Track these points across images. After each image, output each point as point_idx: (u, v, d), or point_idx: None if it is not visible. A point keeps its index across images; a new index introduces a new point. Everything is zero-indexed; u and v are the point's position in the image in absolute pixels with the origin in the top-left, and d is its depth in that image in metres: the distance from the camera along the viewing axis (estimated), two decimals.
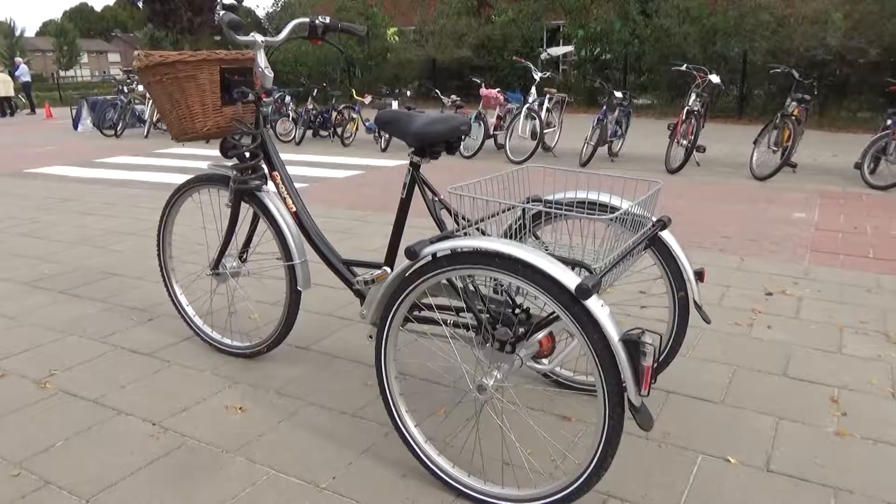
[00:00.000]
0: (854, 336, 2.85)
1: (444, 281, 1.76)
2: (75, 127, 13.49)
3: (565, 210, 1.83)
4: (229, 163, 2.45)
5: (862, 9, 11.37)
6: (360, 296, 2.24)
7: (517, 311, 1.94)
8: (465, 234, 1.75)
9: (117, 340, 2.87)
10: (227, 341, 2.69)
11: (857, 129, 10.87)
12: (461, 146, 8.15)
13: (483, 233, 2.00)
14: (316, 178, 7.07)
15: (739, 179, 6.66)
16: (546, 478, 1.87)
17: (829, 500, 1.80)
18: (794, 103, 6.55)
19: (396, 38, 19.26)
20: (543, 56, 15.48)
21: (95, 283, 3.64)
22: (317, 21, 2.33)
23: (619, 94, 7.43)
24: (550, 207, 1.83)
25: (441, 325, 1.88)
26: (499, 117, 8.33)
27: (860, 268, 3.80)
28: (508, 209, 1.89)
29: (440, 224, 2.02)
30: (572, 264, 1.56)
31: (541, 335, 1.75)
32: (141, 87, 12.10)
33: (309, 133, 10.34)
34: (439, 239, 1.72)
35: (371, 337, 2.29)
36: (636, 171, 7.16)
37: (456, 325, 1.88)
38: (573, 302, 1.50)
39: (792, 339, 2.82)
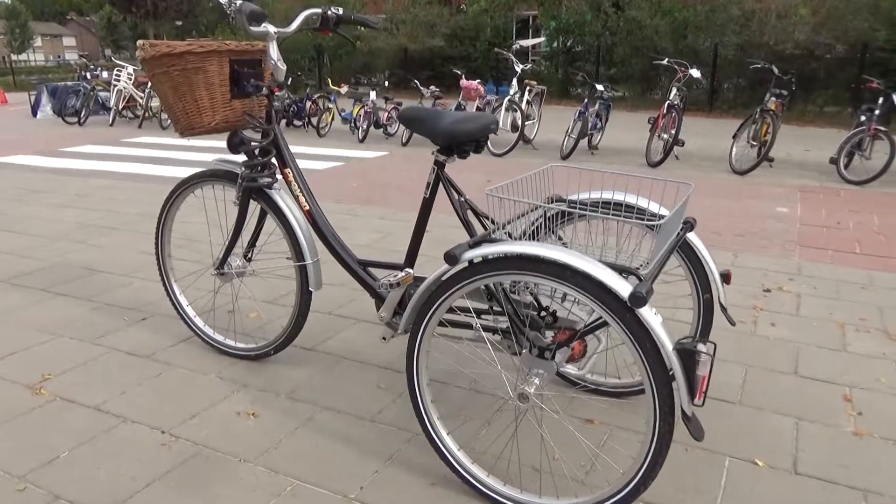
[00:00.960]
0: (856, 334, 2.88)
1: (483, 286, 1.70)
2: (34, 114, 12.99)
3: (602, 213, 1.79)
4: (235, 157, 2.34)
5: (829, 4, 11.58)
6: (378, 298, 2.18)
7: (543, 314, 1.90)
8: (502, 237, 1.70)
9: (111, 342, 2.75)
10: (231, 343, 2.60)
11: (823, 123, 11.11)
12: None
13: (510, 235, 1.95)
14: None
15: (719, 174, 6.73)
16: (587, 487, 1.84)
17: (859, 503, 1.80)
18: (774, 98, 6.64)
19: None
20: (515, 47, 15.45)
21: (78, 281, 3.49)
22: (329, 12, 2.25)
23: (600, 87, 7.43)
24: (586, 210, 1.79)
25: (477, 331, 1.82)
26: (478, 109, 8.27)
27: (850, 264, 3.86)
28: (556, 213, 1.84)
29: (468, 226, 1.96)
30: (621, 270, 1.52)
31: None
32: (105, 74, 11.74)
33: (282, 123, 10.12)
34: (477, 243, 1.67)
35: (385, 338, 2.25)
36: (617, 164, 7.18)
37: (488, 329, 1.83)
38: (625, 310, 1.46)
39: (797, 337, 2.84)
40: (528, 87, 7.97)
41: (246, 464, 1.93)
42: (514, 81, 7.81)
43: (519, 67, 7.83)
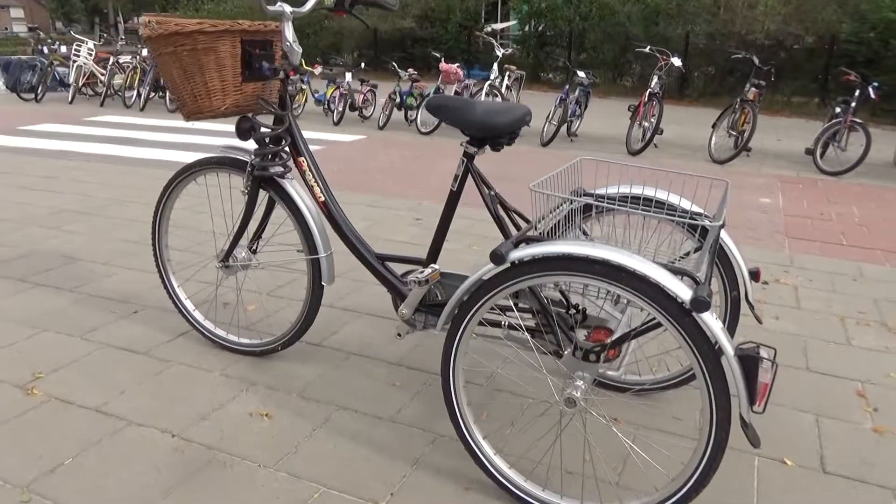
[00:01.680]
0: (857, 327, 2.90)
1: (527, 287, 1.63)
2: None
3: (643, 209, 1.73)
4: (242, 143, 2.22)
5: None
6: (398, 294, 2.09)
7: (573, 311, 1.85)
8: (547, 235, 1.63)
9: (102, 337, 2.60)
10: (234, 338, 2.48)
11: (791, 113, 11.30)
12: (418, 121, 7.98)
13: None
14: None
15: (699, 162, 6.77)
16: (631, 492, 1.80)
17: (890, 502, 1.80)
18: (754, 89, 6.69)
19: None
20: (487, 30, 15.33)
21: (58, 270, 3.31)
22: None
23: (581, 74, 7.39)
24: (638, 209, 1.73)
25: (519, 331, 1.76)
26: (456, 93, 8.16)
27: (838, 255, 3.91)
28: (580, 207, 1.77)
29: (499, 222, 1.88)
30: (674, 272, 1.47)
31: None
32: (64, 49, 11.24)
33: None
34: (520, 241, 1.60)
35: (400, 335, 2.17)
36: (596, 151, 7.17)
37: (527, 329, 1.76)
38: (684, 314, 1.41)
39: (802, 331, 2.85)
40: (507, 72, 7.88)
41: (266, 469, 1.84)
42: (495, 66, 7.72)
43: (500, 52, 7.73)
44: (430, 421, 2.08)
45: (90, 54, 10.62)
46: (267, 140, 2.16)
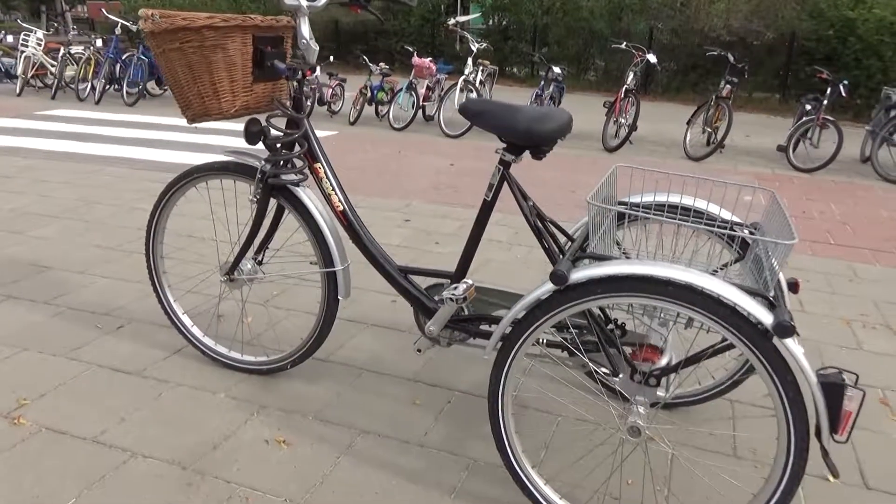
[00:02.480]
0: (864, 331, 2.89)
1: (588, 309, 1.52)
2: None
3: (681, 220, 1.64)
4: (248, 147, 2.06)
5: None
6: (424, 309, 1.96)
7: (611, 327, 1.75)
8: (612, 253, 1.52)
9: (89, 356, 2.40)
10: (237, 356, 2.32)
11: (753, 108, 11.48)
12: (391, 116, 7.81)
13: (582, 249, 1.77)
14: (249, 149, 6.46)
15: (675, 160, 6.78)
16: None
17: None
18: (728, 86, 6.73)
19: None
20: (451, 22, 15.15)
21: (29, 280, 3.08)
22: None
23: (557, 70, 7.33)
24: (667, 216, 1.63)
25: (575, 354, 1.65)
26: (428, 88, 8.02)
27: (829, 255, 3.92)
28: (613, 216, 1.67)
29: (540, 234, 1.77)
30: (750, 293, 1.38)
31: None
32: (11, 38, 10.67)
33: None
34: (578, 259, 1.49)
35: (420, 350, 2.04)
36: (574, 148, 7.12)
37: (580, 351, 1.66)
38: (764, 339, 1.33)
39: (814, 335, 2.82)
40: (481, 67, 7.77)
41: None
42: (469, 60, 7.59)
43: (474, 46, 7.61)
44: (461, 444, 1.96)
45: (39, 44, 10.10)
46: (281, 145, 2.00)
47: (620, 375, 1.57)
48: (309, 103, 8.42)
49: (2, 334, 2.54)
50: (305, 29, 1.91)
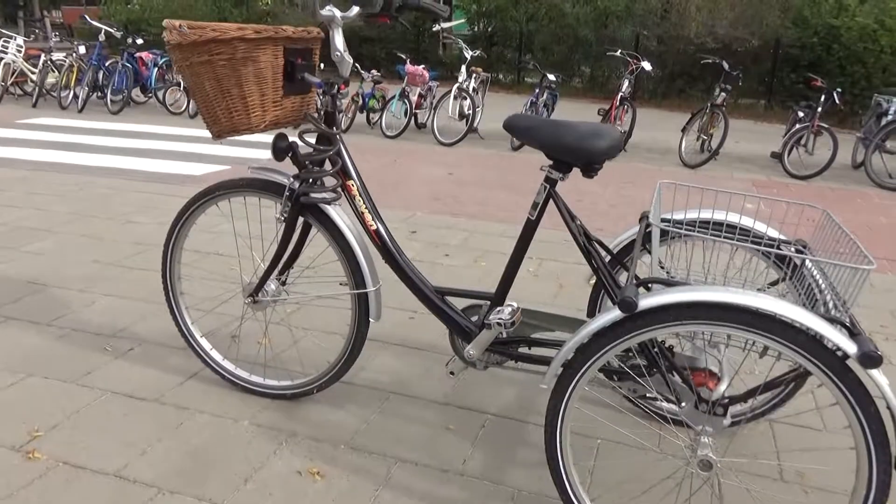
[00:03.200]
0: (886, 344, 2.87)
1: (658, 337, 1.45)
2: None
3: (726, 238, 1.58)
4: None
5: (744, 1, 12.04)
6: (462, 332, 1.88)
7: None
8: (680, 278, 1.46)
9: (101, 381, 2.29)
10: (259, 380, 2.22)
11: (739, 115, 11.56)
12: (383, 124, 7.72)
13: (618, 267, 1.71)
14: (234, 158, 6.34)
15: (672, 167, 6.78)
16: None
17: None
18: (724, 94, 6.74)
19: (269, 3, 18.07)
20: (436, 28, 15.12)
21: (27, 299, 2.94)
22: None
23: (551, 77, 7.30)
24: (711, 233, 1.58)
25: (640, 384, 1.58)
26: (420, 95, 7.94)
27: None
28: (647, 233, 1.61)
29: (590, 255, 1.70)
30: (829, 320, 1.32)
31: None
32: None
33: None
34: (643, 284, 1.42)
35: (453, 373, 1.97)
36: None
37: (635, 376, 1.59)
38: (846, 370, 1.27)
39: None
40: (473, 74, 7.72)
41: None
42: (463, 68, 7.54)
43: (469, 54, 7.56)
44: (502, 472, 1.89)
45: (20, 51, 9.86)
46: (311, 162, 1.91)
47: (684, 404, 1.50)
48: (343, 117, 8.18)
49: (5, 359, 2.41)
50: (339, 41, 1.83)
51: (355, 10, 1.88)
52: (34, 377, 2.31)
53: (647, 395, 1.68)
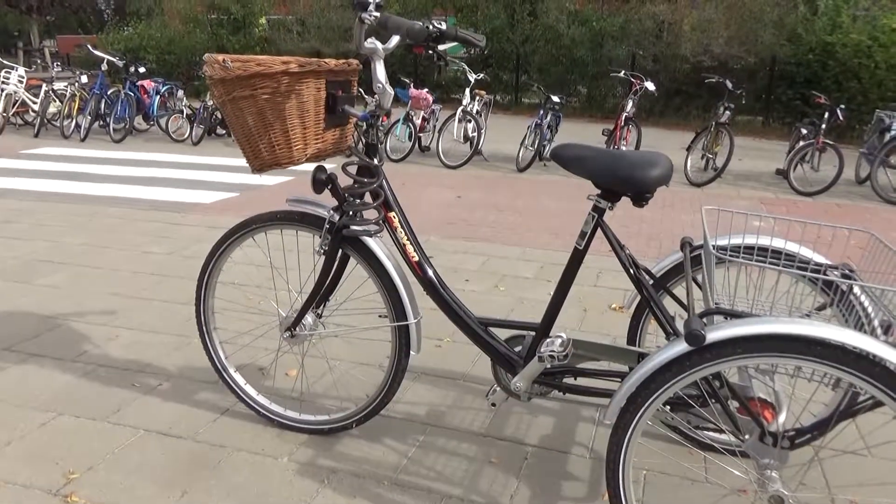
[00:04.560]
0: None
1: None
2: None
3: (771, 264, 1.56)
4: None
5: (739, 18, 12.18)
6: (507, 364, 1.85)
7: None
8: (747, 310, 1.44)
9: (132, 419, 2.25)
10: (294, 414, 2.18)
11: (737, 132, 11.59)
12: (388, 147, 7.73)
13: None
14: (241, 185, 6.34)
15: (678, 186, 6.79)
16: None
17: None
18: (728, 112, 6.78)
19: (266, 28, 18.20)
20: (440, 49, 15.21)
21: (47, 335, 2.90)
22: (431, 27, 1.90)
23: (556, 98, 7.33)
24: (758, 259, 1.56)
25: (700, 417, 1.55)
26: (424, 119, 7.97)
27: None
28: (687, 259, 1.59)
29: (639, 284, 1.68)
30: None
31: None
32: None
33: (202, 132, 9.30)
34: (708, 314, 1.40)
35: (494, 405, 1.94)
36: (572, 177, 7.09)
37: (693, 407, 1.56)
38: None
39: None
40: (477, 97, 7.75)
41: None
42: (467, 91, 7.57)
43: (472, 77, 7.60)
44: None
45: (21, 82, 9.87)
46: (352, 195, 1.89)
47: (746, 436, 1.48)
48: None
49: (33, 397, 2.37)
50: (381, 72, 1.82)
51: (395, 40, 1.88)
52: (64, 416, 2.26)
53: (700, 426, 1.65)
